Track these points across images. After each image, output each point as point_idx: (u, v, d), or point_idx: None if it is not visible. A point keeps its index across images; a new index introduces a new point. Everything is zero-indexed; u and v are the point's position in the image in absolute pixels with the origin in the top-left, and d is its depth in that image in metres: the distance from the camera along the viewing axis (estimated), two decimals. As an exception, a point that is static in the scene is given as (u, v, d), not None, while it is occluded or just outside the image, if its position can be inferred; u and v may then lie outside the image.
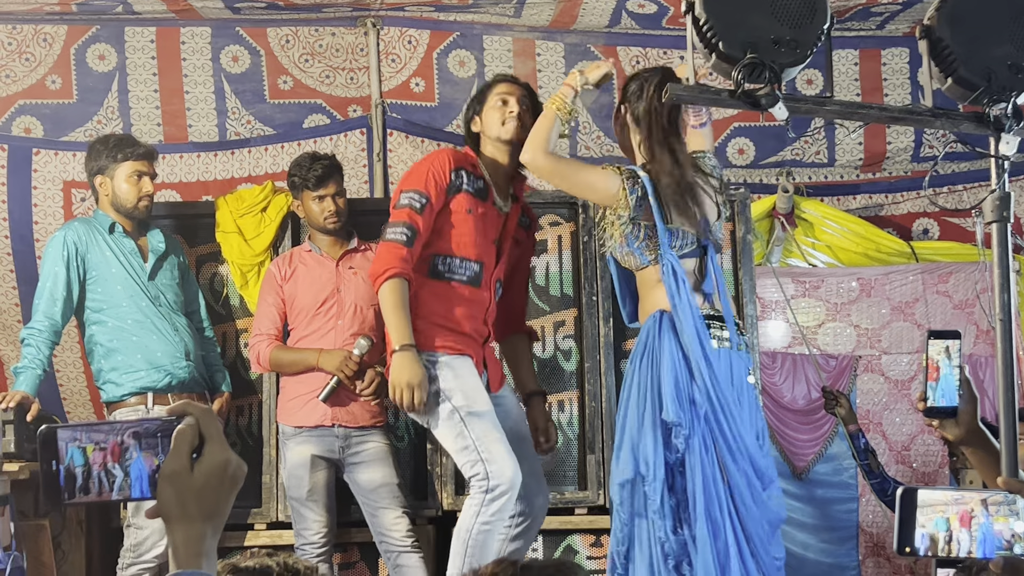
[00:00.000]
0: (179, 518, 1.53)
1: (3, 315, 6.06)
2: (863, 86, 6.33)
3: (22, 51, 6.09)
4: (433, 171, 4.20)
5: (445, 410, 4.08)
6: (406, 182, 4.23)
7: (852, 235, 6.21)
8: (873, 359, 6.21)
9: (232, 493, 1.56)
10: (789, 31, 2.81)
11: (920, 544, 1.96)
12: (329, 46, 6.24)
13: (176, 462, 1.53)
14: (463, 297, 4.22)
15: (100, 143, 4.97)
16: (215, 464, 1.54)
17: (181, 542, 1.52)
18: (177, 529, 1.53)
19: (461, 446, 4.05)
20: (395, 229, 4.15)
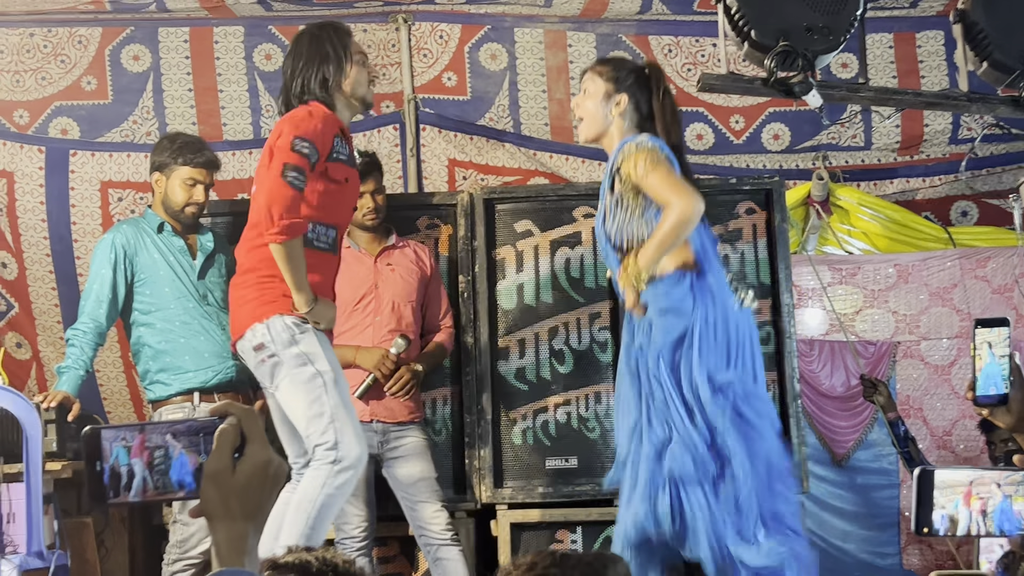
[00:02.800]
0: (222, 517, 1.54)
1: (43, 316, 6.12)
2: (899, 68, 6.27)
3: (57, 53, 6.14)
4: (325, 130, 4.06)
5: (306, 373, 4.01)
6: (299, 127, 4.01)
7: (888, 221, 6.18)
8: (912, 345, 6.18)
9: (274, 492, 1.58)
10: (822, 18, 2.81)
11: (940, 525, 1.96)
12: (360, 42, 6.20)
13: (219, 461, 1.55)
14: (324, 264, 4.19)
15: (168, 140, 4.99)
16: (257, 463, 1.56)
17: (224, 541, 1.54)
18: (220, 528, 1.55)
19: (316, 412, 3.99)
20: (292, 172, 3.95)
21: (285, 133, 4.01)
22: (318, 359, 4.02)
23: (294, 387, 4.02)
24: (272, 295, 4.08)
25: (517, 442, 5.16)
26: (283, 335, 4.03)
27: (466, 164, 6.29)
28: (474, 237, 5.26)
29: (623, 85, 4.03)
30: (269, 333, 4.04)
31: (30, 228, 6.11)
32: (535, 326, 5.23)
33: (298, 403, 4.02)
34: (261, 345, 4.04)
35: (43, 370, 6.11)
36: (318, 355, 4.03)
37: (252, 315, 4.08)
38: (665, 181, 3.74)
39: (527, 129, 6.32)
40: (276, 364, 4.03)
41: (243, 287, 4.15)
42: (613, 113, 4.02)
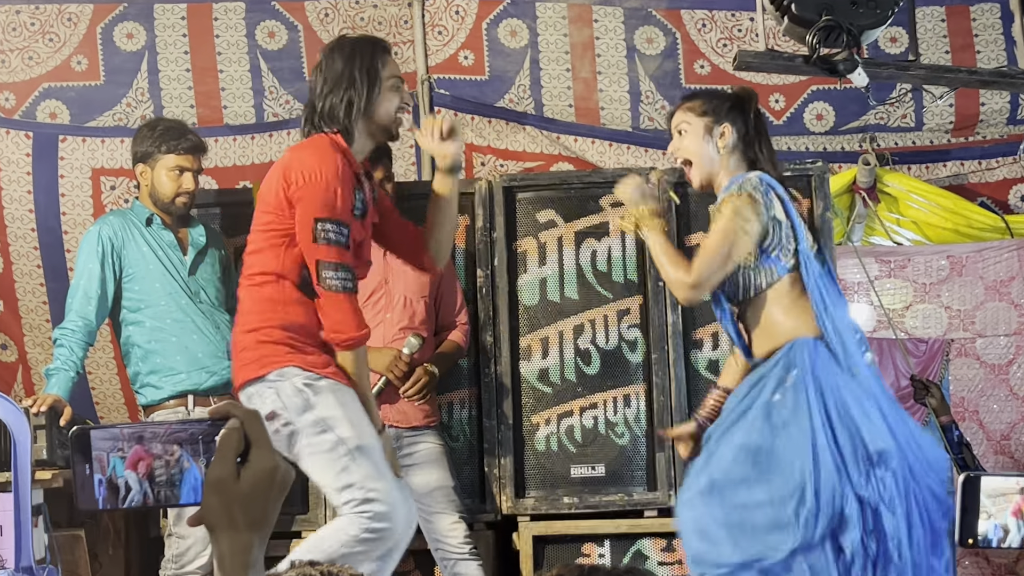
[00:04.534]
0: (225, 527, 1.55)
1: (30, 314, 6.15)
2: (952, 44, 6.26)
3: (45, 31, 6.17)
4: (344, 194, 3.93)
5: (327, 441, 3.83)
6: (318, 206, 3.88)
7: (940, 209, 6.16)
8: (967, 342, 6.17)
9: (279, 500, 1.59)
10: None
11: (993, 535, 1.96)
12: (371, 19, 6.27)
13: (221, 468, 1.55)
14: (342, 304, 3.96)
15: (148, 127, 5.01)
16: (262, 470, 1.56)
17: (227, 552, 1.55)
18: (223, 538, 1.55)
19: (344, 483, 3.80)
20: (329, 272, 3.88)
21: (306, 207, 3.88)
22: (339, 423, 3.83)
23: (316, 458, 3.85)
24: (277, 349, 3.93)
25: (540, 449, 5.16)
26: (295, 400, 3.87)
27: (484, 149, 6.30)
28: (493, 228, 5.26)
29: (722, 115, 3.97)
30: (280, 399, 3.87)
31: (16, 219, 6.14)
32: (559, 324, 5.23)
33: (324, 475, 3.84)
34: (273, 414, 3.85)
35: (30, 372, 6.15)
36: (338, 419, 3.84)
37: (253, 370, 3.93)
38: (718, 241, 3.79)
39: (550, 111, 6.32)
40: (292, 433, 3.86)
41: (243, 333, 4.00)
42: (720, 146, 3.97)
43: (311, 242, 3.87)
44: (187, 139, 4.98)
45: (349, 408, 3.88)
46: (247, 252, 4.05)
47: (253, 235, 4.03)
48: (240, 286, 4.06)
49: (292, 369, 3.88)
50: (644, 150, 6.23)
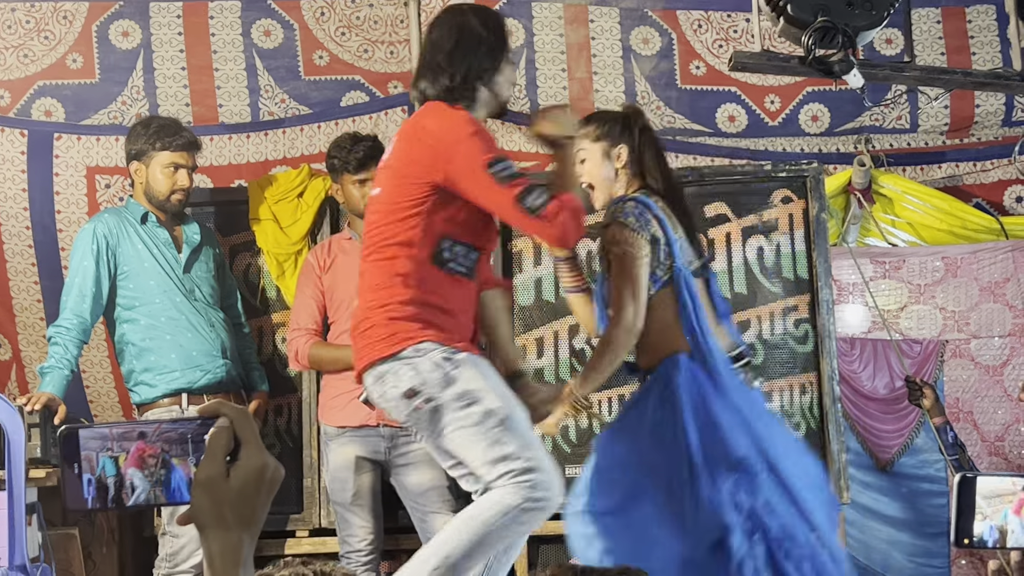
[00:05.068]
0: (215, 526, 1.55)
1: (25, 312, 6.14)
2: (948, 45, 6.26)
3: (40, 29, 6.16)
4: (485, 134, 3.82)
5: (475, 414, 3.67)
6: (486, 149, 3.68)
7: (936, 211, 6.16)
8: (961, 343, 6.17)
9: (269, 499, 1.58)
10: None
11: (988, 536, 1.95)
12: (367, 18, 6.26)
13: (211, 467, 1.55)
14: (461, 293, 3.88)
15: (142, 126, 5.01)
16: (251, 468, 1.56)
17: (217, 551, 1.54)
18: (213, 537, 1.55)
19: (498, 456, 3.66)
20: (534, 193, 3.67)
21: (469, 162, 3.66)
22: (485, 395, 3.68)
23: (463, 432, 3.69)
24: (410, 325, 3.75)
25: (534, 448, 5.15)
26: (435, 375, 3.69)
27: (481, 148, 6.28)
28: (488, 227, 5.26)
29: (616, 136, 4.13)
30: (419, 375, 3.70)
31: (11, 217, 6.13)
32: (554, 324, 5.23)
33: (473, 449, 3.68)
34: (412, 391, 3.69)
35: (24, 371, 6.13)
36: (483, 390, 3.69)
37: (384, 347, 3.74)
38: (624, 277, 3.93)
39: (545, 111, 6.31)
40: (436, 409, 3.70)
41: (371, 310, 3.79)
42: (618, 167, 4.13)
43: (494, 188, 3.65)
44: (181, 136, 4.98)
45: (492, 379, 3.75)
46: (373, 225, 3.82)
47: (380, 207, 3.81)
48: (365, 260, 3.84)
49: (428, 344, 3.70)
50: (640, 150, 6.22)
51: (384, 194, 3.80)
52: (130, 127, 5.13)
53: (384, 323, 3.73)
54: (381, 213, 3.80)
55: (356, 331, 3.82)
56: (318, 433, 5.13)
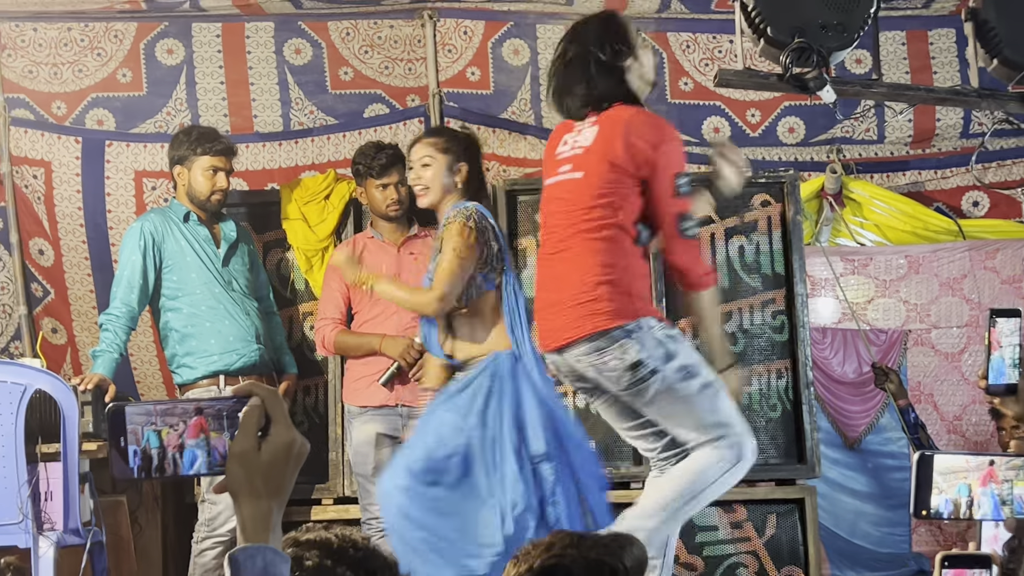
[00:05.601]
0: (247, 495, 1.54)
1: (79, 301, 6.15)
2: (912, 65, 6.24)
3: (94, 47, 6.16)
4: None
5: (695, 386, 3.65)
6: (680, 159, 3.74)
7: (900, 214, 6.15)
8: (923, 333, 6.16)
9: (296, 471, 1.58)
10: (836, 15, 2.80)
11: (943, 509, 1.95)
12: (388, 38, 6.25)
13: (244, 441, 1.54)
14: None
15: (184, 134, 5.02)
16: (281, 443, 1.55)
17: (248, 518, 1.54)
18: (245, 505, 1.54)
19: (714, 422, 3.65)
20: (692, 222, 3.72)
21: (667, 164, 3.69)
22: (701, 368, 3.68)
23: (685, 401, 3.66)
24: (634, 300, 3.71)
25: (537, 426, 5.14)
26: (658, 350, 3.64)
27: (489, 156, 6.27)
28: (496, 227, 5.25)
29: (460, 154, 4.22)
30: (644, 348, 3.63)
31: (66, 216, 6.13)
32: (555, 314, 5.21)
33: (692, 416, 3.66)
34: (638, 363, 3.62)
35: (78, 354, 6.13)
36: (699, 363, 3.69)
37: (607, 319, 3.66)
38: (453, 259, 4.02)
39: (548, 122, 6.30)
40: (658, 380, 3.64)
41: (593, 284, 3.69)
42: (457, 180, 4.21)
43: (671, 196, 3.68)
44: (219, 142, 4.99)
45: (697, 354, 3.77)
46: (577, 205, 3.72)
47: (586, 190, 3.72)
48: (576, 236, 3.72)
49: (650, 320, 3.66)
50: (632, 158, 6.20)
51: (592, 179, 3.71)
52: (173, 135, 5.13)
53: (608, 296, 3.65)
54: (588, 196, 3.71)
55: (567, 303, 3.70)
56: (342, 411, 5.13)
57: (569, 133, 3.85)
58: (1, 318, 6.17)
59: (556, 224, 3.79)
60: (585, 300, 3.67)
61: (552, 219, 3.83)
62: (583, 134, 3.77)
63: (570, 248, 3.72)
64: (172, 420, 1.58)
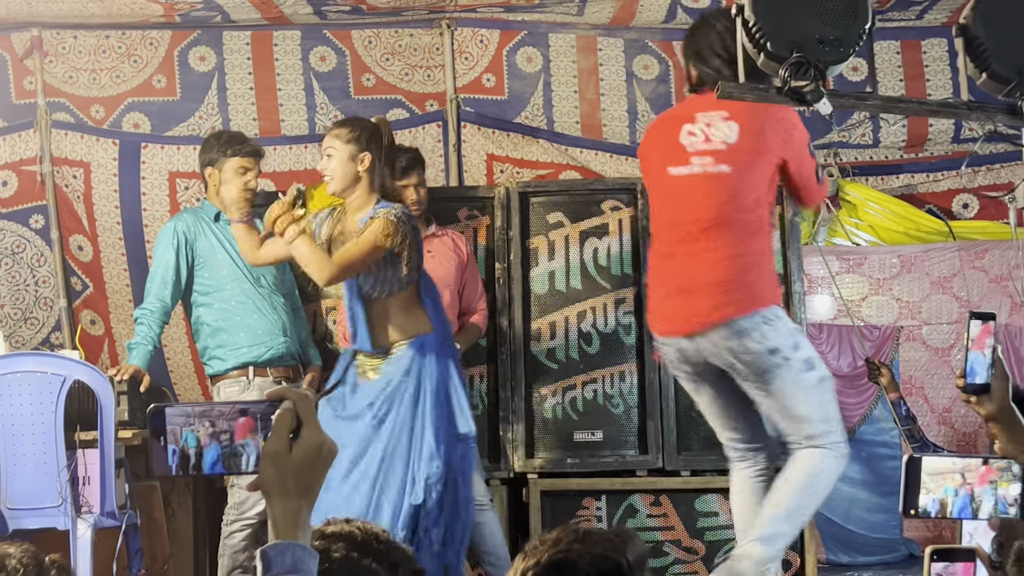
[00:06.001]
0: (278, 493, 1.56)
1: (115, 295, 6.18)
2: (905, 73, 6.23)
3: (130, 54, 6.18)
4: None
5: (814, 378, 3.65)
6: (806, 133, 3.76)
7: (893, 215, 6.15)
8: (914, 329, 6.15)
9: (325, 472, 1.59)
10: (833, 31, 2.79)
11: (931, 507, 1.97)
12: (408, 46, 6.27)
13: (277, 443, 1.56)
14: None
15: (214, 138, 5.03)
16: (311, 445, 1.57)
17: (280, 515, 1.55)
18: (276, 503, 1.56)
19: (824, 416, 3.65)
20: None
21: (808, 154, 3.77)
22: (819, 363, 3.70)
23: (805, 392, 3.64)
24: (771, 286, 3.72)
25: (547, 416, 5.17)
26: (789, 340, 3.64)
27: (503, 159, 6.29)
28: (510, 228, 5.26)
29: (363, 143, 4.21)
30: (778, 336, 3.62)
31: (104, 214, 6.16)
32: (565, 310, 5.23)
33: (806, 406, 3.63)
34: (776, 350, 3.60)
35: (115, 345, 6.17)
36: (818, 359, 3.71)
37: (747, 304, 3.63)
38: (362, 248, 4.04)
39: (559, 126, 6.32)
40: (784, 367, 3.62)
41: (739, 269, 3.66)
42: (360, 170, 4.20)
43: (817, 183, 3.76)
44: (249, 145, 5.00)
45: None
46: (739, 198, 3.67)
47: (733, 182, 3.67)
48: (718, 228, 3.66)
49: (778, 308, 3.67)
50: (640, 161, 6.21)
51: (744, 173, 3.66)
52: (204, 140, 5.15)
53: (750, 283, 3.64)
54: (737, 189, 3.66)
55: (707, 290, 3.65)
56: (363, 401, 5.15)
57: (691, 124, 3.73)
58: (43, 310, 6.20)
59: (692, 217, 3.69)
60: (729, 287, 3.62)
61: (686, 210, 3.71)
62: (718, 128, 3.70)
63: (711, 238, 3.66)
64: (210, 421, 1.60)
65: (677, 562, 4.94)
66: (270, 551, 1.52)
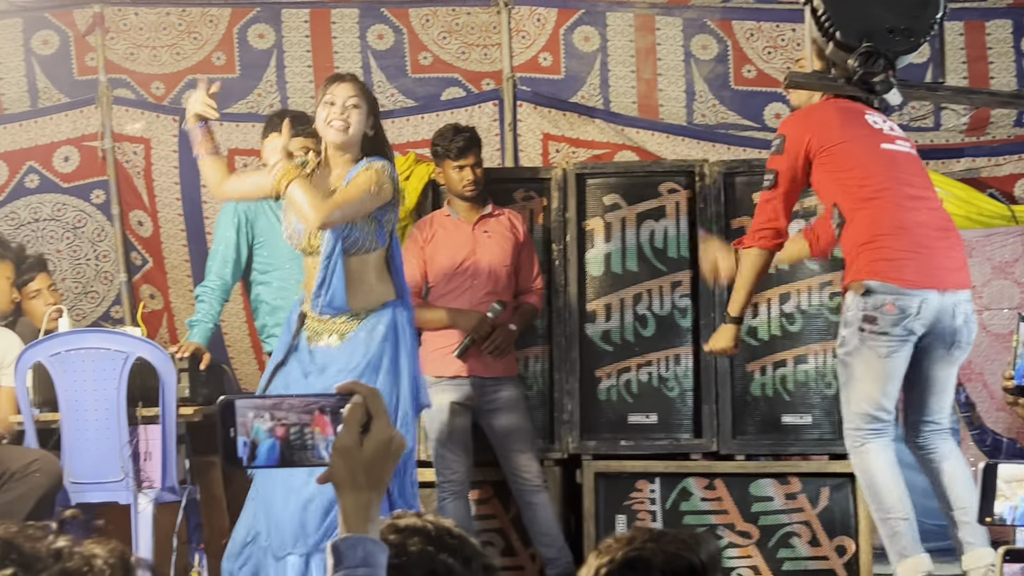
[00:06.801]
0: (349, 487, 1.57)
1: (175, 270, 6.25)
2: (968, 55, 6.13)
3: (190, 31, 6.23)
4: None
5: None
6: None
7: (955, 199, 6.05)
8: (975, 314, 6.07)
9: (394, 465, 1.60)
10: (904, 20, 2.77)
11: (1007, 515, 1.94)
12: (465, 25, 6.26)
13: (348, 437, 1.57)
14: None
15: (277, 116, 5.03)
16: (381, 440, 1.58)
17: (351, 509, 1.56)
18: (347, 497, 1.57)
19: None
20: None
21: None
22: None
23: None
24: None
25: (602, 398, 5.17)
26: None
27: (559, 138, 6.28)
28: (566, 209, 5.25)
29: (373, 107, 4.17)
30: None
31: (164, 190, 6.23)
32: (621, 292, 5.22)
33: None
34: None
35: (173, 319, 6.24)
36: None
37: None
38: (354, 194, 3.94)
39: (616, 106, 6.29)
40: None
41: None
42: (367, 131, 4.11)
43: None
44: (310, 124, 5.00)
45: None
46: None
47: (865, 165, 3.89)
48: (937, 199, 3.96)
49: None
50: (697, 142, 6.17)
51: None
52: (266, 118, 5.17)
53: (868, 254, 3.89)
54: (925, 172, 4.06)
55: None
56: (418, 380, 5.17)
57: (869, 115, 3.76)
58: (103, 284, 6.29)
59: (911, 179, 3.92)
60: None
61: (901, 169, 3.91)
62: (889, 122, 3.85)
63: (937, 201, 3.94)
64: (280, 414, 1.61)
65: (731, 546, 4.93)
66: (341, 544, 1.53)
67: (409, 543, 1.61)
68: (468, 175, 4.99)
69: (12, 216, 6.26)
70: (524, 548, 5.03)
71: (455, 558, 1.62)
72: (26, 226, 6.26)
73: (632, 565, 1.62)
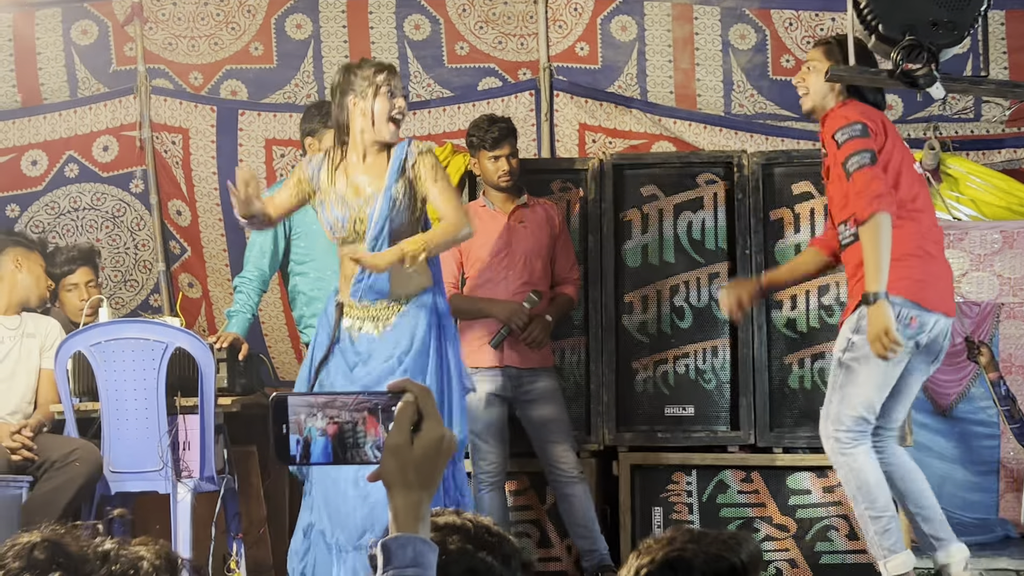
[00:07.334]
0: (400, 486, 1.57)
1: (213, 259, 6.29)
2: (1009, 45, 6.07)
3: (228, 21, 6.26)
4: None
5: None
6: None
7: (995, 190, 6.01)
8: (1016, 306, 6.03)
9: (444, 464, 1.60)
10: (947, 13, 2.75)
11: None
12: (501, 14, 6.26)
13: (399, 436, 1.57)
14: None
15: (315, 107, 5.07)
16: (432, 439, 1.58)
17: (401, 507, 1.57)
18: (398, 495, 1.57)
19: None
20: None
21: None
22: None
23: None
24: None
25: (639, 390, 5.17)
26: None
27: (595, 128, 6.27)
28: (603, 200, 5.25)
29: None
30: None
31: (202, 180, 6.27)
32: (657, 283, 5.22)
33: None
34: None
35: (211, 308, 6.30)
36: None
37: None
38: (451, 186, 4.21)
39: (653, 96, 6.27)
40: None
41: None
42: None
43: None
44: None
45: None
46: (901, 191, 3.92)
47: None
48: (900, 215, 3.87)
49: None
50: (734, 132, 6.16)
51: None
52: (305, 108, 5.19)
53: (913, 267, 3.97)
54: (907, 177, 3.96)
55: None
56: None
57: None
58: (142, 272, 6.35)
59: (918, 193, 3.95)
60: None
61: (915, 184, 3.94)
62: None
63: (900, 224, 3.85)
64: (332, 412, 1.63)
65: (768, 539, 4.92)
66: (391, 543, 1.54)
67: (448, 541, 1.62)
68: (504, 165, 4.99)
69: (52, 205, 6.33)
70: (560, 540, 5.05)
71: (494, 556, 1.62)
72: (66, 215, 6.33)
73: (673, 566, 1.63)
